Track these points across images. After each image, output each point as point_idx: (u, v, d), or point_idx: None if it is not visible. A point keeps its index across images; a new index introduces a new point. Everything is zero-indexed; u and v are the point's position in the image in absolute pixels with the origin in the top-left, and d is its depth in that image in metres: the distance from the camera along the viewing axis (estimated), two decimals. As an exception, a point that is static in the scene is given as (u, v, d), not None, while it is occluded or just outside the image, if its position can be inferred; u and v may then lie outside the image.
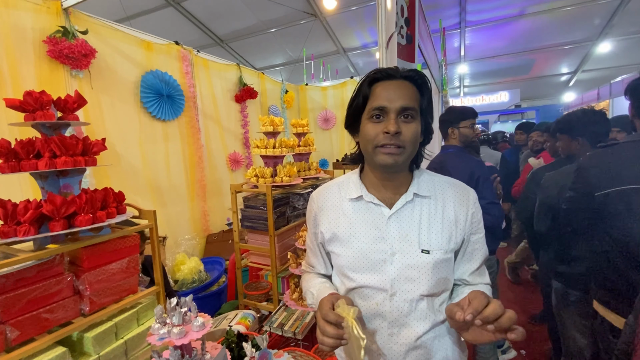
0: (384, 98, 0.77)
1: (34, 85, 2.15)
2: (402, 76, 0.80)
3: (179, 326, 0.98)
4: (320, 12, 5.83)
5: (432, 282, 0.80)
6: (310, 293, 0.95)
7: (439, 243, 0.82)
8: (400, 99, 0.77)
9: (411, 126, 0.77)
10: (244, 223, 2.45)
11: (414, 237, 0.82)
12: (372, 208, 0.86)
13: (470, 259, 0.88)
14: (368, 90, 0.81)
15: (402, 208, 0.84)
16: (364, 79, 0.83)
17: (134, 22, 5.34)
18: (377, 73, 0.82)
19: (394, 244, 0.81)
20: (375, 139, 0.78)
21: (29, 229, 0.98)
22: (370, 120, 0.79)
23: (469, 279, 0.88)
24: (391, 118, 0.76)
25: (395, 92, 0.77)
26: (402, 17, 1.44)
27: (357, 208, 0.88)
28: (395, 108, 0.76)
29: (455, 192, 0.87)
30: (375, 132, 0.78)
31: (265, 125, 2.42)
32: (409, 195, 0.84)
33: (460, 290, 0.88)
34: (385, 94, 0.78)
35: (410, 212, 0.84)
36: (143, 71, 2.85)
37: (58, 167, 1.04)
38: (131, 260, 1.28)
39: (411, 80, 0.80)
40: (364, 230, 0.85)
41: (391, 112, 0.77)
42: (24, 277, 1.01)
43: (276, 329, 2.04)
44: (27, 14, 2.14)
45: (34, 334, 1.03)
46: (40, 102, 1.04)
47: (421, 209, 0.84)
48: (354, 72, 7.97)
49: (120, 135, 2.65)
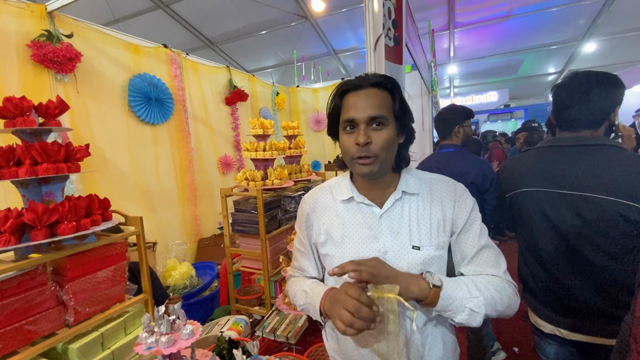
0: (353, 109, 0.79)
1: (18, 90, 2.10)
2: (371, 84, 0.81)
3: (167, 335, 0.96)
4: (310, 14, 5.83)
5: None
6: (303, 292, 0.93)
7: (429, 239, 0.82)
8: (368, 109, 0.78)
9: (382, 133, 0.78)
10: (235, 227, 2.42)
11: (405, 234, 0.83)
12: (364, 208, 0.87)
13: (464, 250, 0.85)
14: (339, 102, 0.83)
15: (392, 207, 0.85)
16: (335, 92, 0.85)
17: (122, 25, 5.28)
18: (345, 85, 0.83)
19: (386, 243, 0.82)
20: (350, 151, 0.80)
21: (10, 238, 0.95)
22: (345, 132, 0.82)
23: (463, 270, 0.85)
24: (361, 129, 0.78)
25: (364, 102, 0.79)
26: (390, 19, 1.44)
27: (349, 209, 0.89)
28: (364, 118, 0.78)
29: (442, 187, 0.88)
30: (350, 143, 0.80)
31: (255, 128, 2.41)
32: (397, 193, 0.85)
33: None
34: (354, 105, 0.79)
35: (400, 210, 0.85)
36: (131, 75, 2.81)
37: (39, 174, 1.02)
38: (118, 268, 1.25)
39: (380, 86, 0.81)
40: (357, 231, 0.86)
41: (361, 123, 0.78)
42: (5, 288, 0.98)
43: (268, 334, 2.02)
44: (10, 17, 2.09)
45: (17, 347, 1.00)
46: (21, 108, 1.01)
47: (410, 206, 0.85)
48: (345, 73, 7.99)
49: (108, 140, 2.61)
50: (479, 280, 0.79)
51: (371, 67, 1.45)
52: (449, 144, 2.03)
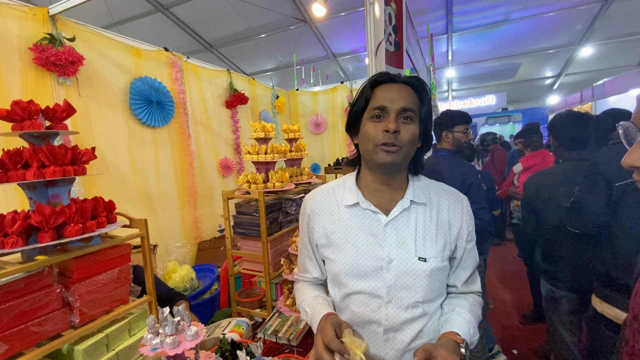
0: (385, 99, 0.80)
1: (20, 92, 2.11)
2: (403, 81, 0.84)
3: (172, 336, 0.97)
4: (309, 18, 5.87)
5: (427, 290, 0.81)
6: (304, 311, 0.93)
7: (435, 251, 0.83)
8: (400, 100, 0.79)
9: (410, 127, 0.80)
10: (236, 229, 2.43)
11: (410, 245, 0.82)
12: (369, 215, 0.86)
13: (463, 266, 0.89)
14: (370, 93, 0.84)
15: (398, 215, 0.84)
16: (367, 82, 0.86)
17: (122, 28, 5.31)
18: (380, 76, 0.85)
19: (391, 251, 0.82)
20: (376, 137, 0.79)
21: (17, 240, 0.96)
22: (372, 120, 0.81)
23: (461, 287, 0.89)
24: (391, 117, 0.79)
25: (396, 94, 0.80)
26: (390, 25, 1.46)
27: (353, 214, 0.88)
28: (396, 108, 0.79)
29: (450, 199, 0.89)
30: (376, 130, 0.79)
31: (257, 131, 2.42)
32: (405, 202, 0.85)
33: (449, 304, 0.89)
34: (387, 95, 0.80)
35: (406, 219, 0.85)
36: (132, 78, 2.82)
37: (47, 177, 1.03)
38: (122, 270, 1.26)
39: (411, 85, 0.84)
40: (361, 237, 0.85)
41: (391, 112, 0.79)
42: (12, 290, 0.99)
43: (270, 336, 2.02)
44: (12, 21, 2.11)
45: (23, 348, 1.01)
46: (29, 111, 1.02)
47: (417, 216, 0.85)
48: (344, 77, 8.03)
49: (108, 143, 2.62)
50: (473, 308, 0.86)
51: (372, 72, 1.48)
52: (441, 148, 2.13)
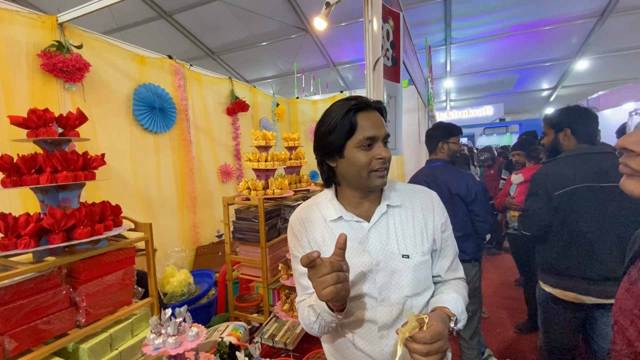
0: (372, 128, 0.86)
1: (27, 97, 2.17)
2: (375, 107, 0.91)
3: (174, 336, 1.02)
4: (310, 27, 5.98)
5: (414, 284, 0.88)
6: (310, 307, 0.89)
7: (415, 246, 0.91)
8: (382, 128, 0.88)
9: (388, 150, 0.89)
10: (236, 235, 2.48)
11: (393, 245, 0.90)
12: (353, 225, 0.93)
13: (443, 255, 0.97)
14: (355, 120, 0.86)
15: (379, 220, 0.92)
16: (348, 110, 0.87)
17: (125, 33, 5.38)
18: (359, 103, 0.88)
19: (377, 255, 0.89)
20: (370, 165, 0.86)
21: (30, 241, 1.01)
22: (362, 149, 0.86)
23: (445, 275, 0.97)
24: (381, 145, 0.87)
25: (378, 121, 0.88)
26: (388, 41, 1.53)
27: (339, 227, 0.94)
28: (382, 136, 0.87)
29: (421, 198, 0.97)
30: (369, 158, 0.86)
31: (258, 139, 2.48)
32: (382, 207, 0.93)
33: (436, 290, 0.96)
34: (371, 124, 0.87)
35: (385, 222, 0.92)
36: (136, 84, 2.88)
37: (59, 181, 1.08)
38: (127, 272, 1.31)
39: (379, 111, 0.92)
40: (349, 246, 0.88)
41: (379, 140, 0.87)
42: (23, 289, 1.03)
43: (267, 340, 2.06)
44: (22, 28, 2.17)
45: (31, 345, 1.05)
46: (44, 119, 1.08)
47: (394, 218, 0.93)
48: (344, 85, 8.13)
49: (111, 148, 2.66)
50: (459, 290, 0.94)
51: (370, 85, 1.54)
52: (435, 159, 2.19)
